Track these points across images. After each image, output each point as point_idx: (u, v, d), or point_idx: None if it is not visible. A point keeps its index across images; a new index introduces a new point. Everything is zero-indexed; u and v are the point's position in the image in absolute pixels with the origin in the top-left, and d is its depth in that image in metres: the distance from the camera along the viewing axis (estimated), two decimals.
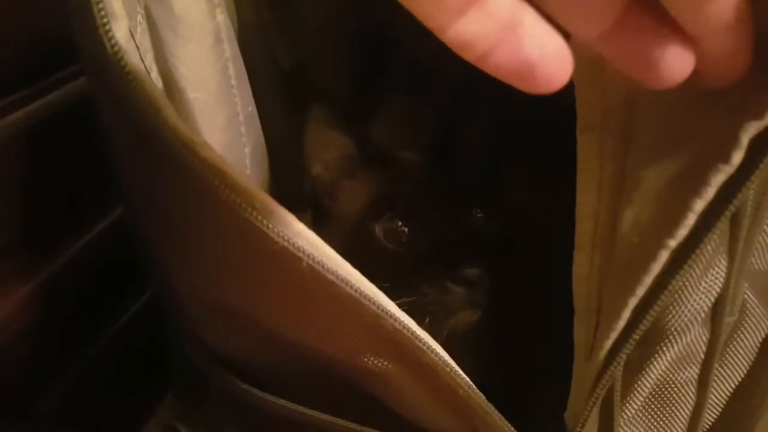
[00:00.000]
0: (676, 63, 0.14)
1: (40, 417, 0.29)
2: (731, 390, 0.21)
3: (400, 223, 0.25)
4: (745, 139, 0.14)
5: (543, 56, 0.13)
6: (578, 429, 0.18)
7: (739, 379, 0.21)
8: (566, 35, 0.13)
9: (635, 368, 0.18)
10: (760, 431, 0.22)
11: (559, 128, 0.19)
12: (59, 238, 0.30)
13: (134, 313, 0.34)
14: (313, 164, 0.26)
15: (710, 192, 0.15)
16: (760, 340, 0.21)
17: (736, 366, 0.21)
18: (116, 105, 0.15)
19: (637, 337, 0.16)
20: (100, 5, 0.14)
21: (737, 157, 0.14)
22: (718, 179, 0.15)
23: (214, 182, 0.14)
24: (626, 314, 0.16)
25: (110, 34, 0.13)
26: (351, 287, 0.15)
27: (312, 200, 0.26)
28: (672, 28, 0.13)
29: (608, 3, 0.13)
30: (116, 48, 0.14)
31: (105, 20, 0.14)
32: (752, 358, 0.21)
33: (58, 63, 0.28)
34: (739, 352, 0.21)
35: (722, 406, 0.22)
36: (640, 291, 0.16)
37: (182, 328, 0.24)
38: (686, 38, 0.14)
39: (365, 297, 0.15)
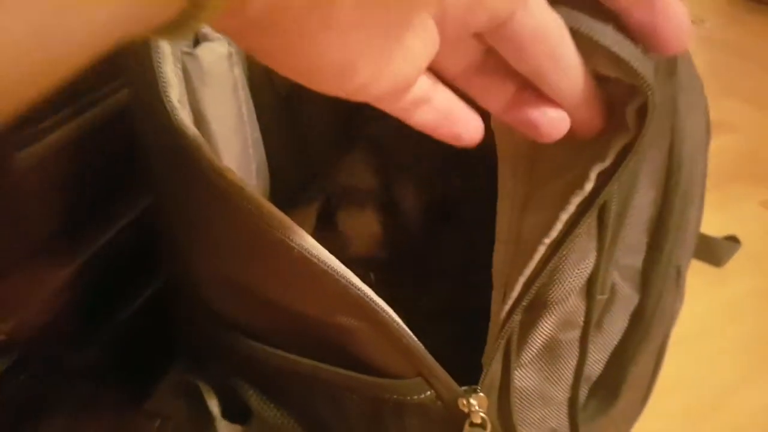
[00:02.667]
0: (555, 126, 0.20)
1: (76, 372, 0.36)
2: (610, 349, 0.29)
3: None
4: (593, 175, 0.21)
5: (466, 127, 0.20)
6: (485, 367, 0.25)
7: (616, 342, 0.29)
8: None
9: (528, 327, 0.25)
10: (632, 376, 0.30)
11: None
12: (92, 231, 0.37)
13: (151, 293, 0.41)
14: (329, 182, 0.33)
15: (571, 208, 0.22)
16: (629, 313, 0.28)
17: (611, 332, 0.28)
18: (164, 141, 0.22)
19: (525, 303, 0.23)
20: (161, 77, 0.20)
21: (588, 186, 0.22)
22: (576, 200, 0.22)
23: (234, 195, 0.21)
24: (518, 288, 0.23)
25: (168, 98, 0.20)
26: (328, 267, 0.22)
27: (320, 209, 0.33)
28: (552, 103, 0.20)
29: (502, 89, 0.20)
30: (171, 107, 0.20)
31: (164, 87, 0.20)
32: (624, 326, 0.29)
33: (98, 83, 0.35)
34: (613, 321, 0.28)
35: (604, 361, 0.29)
36: (527, 272, 0.23)
37: (196, 302, 0.31)
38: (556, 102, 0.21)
39: (338, 273, 0.22)
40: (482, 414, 0.26)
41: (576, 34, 0.18)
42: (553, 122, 0.20)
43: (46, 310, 0.34)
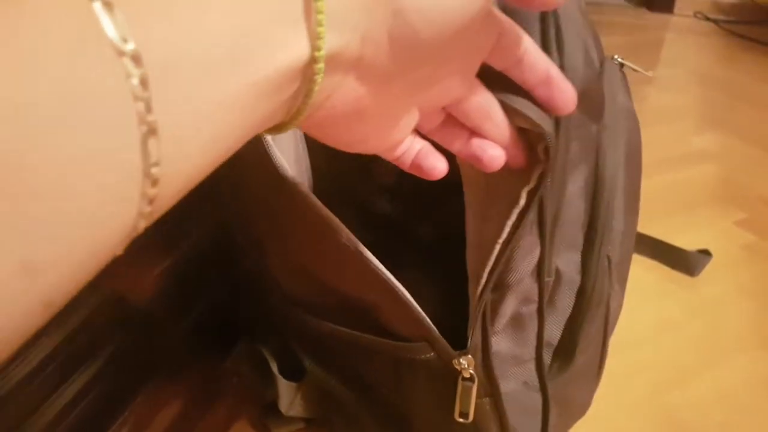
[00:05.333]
0: (494, 160, 0.28)
1: (167, 349, 0.46)
2: (564, 320, 0.40)
3: None
4: (524, 193, 0.33)
5: (432, 165, 0.28)
6: (470, 335, 0.35)
7: (567, 314, 0.40)
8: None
9: (497, 303, 0.35)
10: (582, 341, 0.40)
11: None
12: (180, 236, 0.46)
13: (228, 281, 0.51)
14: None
15: (513, 217, 0.33)
16: (575, 293, 0.39)
17: (562, 306, 0.39)
18: (264, 176, 0.34)
19: (491, 286, 0.34)
20: (268, 143, 0.33)
21: (522, 202, 0.32)
22: (516, 211, 0.33)
23: (303, 202, 0.33)
24: (485, 276, 0.35)
25: (275, 156, 0.32)
26: (363, 254, 0.33)
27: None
28: (492, 145, 0.28)
29: (459, 137, 0.28)
30: (277, 162, 0.32)
31: (270, 149, 0.33)
32: (572, 302, 0.39)
33: None
34: (562, 298, 0.39)
35: (560, 330, 0.40)
36: (489, 264, 0.34)
37: (268, 285, 0.42)
38: (497, 144, 0.28)
39: (369, 261, 0.33)
40: (471, 371, 0.35)
41: (502, 103, 0.27)
42: (492, 158, 0.28)
43: (148, 292, 0.44)
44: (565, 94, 0.27)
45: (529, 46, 0.26)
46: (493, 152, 0.28)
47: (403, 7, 0.20)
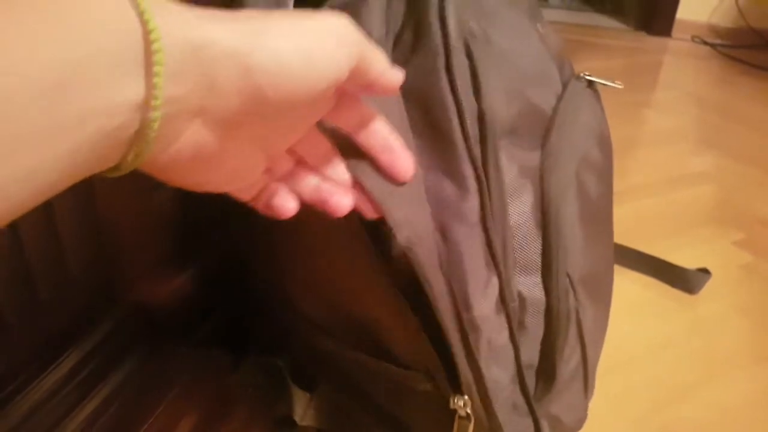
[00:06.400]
0: (341, 204, 0.28)
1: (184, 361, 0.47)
2: (539, 341, 0.40)
3: None
4: None
5: (280, 205, 0.28)
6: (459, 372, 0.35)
7: (540, 335, 0.40)
8: None
9: (476, 340, 0.35)
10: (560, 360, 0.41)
11: None
12: (203, 248, 0.50)
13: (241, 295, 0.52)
14: None
15: None
16: (542, 314, 0.40)
17: (533, 328, 0.39)
18: None
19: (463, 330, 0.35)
20: None
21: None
22: None
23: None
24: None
25: None
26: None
27: None
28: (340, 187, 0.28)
29: (306, 180, 0.28)
30: None
31: None
32: (541, 322, 0.40)
33: None
34: (531, 320, 0.39)
35: (537, 350, 0.40)
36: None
37: (283, 302, 0.44)
38: (346, 191, 0.28)
39: (388, 284, 0.34)
40: (468, 410, 0.36)
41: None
42: (338, 203, 0.28)
43: (168, 302, 0.46)
44: (406, 162, 0.29)
45: (371, 113, 0.28)
46: (339, 199, 0.28)
47: (253, 68, 0.20)
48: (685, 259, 0.78)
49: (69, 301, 0.36)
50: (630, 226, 0.85)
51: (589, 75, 0.47)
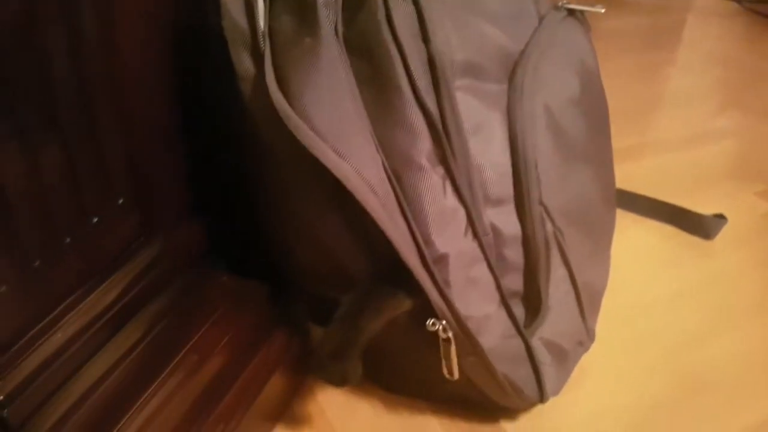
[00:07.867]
0: None
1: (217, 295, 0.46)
2: (522, 269, 0.41)
3: None
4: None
5: None
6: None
7: (521, 263, 0.40)
8: None
9: (443, 273, 0.37)
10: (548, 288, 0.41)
11: None
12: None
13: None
14: None
15: None
16: (521, 244, 0.40)
17: (513, 258, 0.40)
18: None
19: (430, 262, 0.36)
20: None
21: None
22: None
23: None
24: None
25: None
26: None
27: None
28: None
29: None
30: None
31: None
32: (521, 252, 0.41)
33: None
34: (509, 252, 0.40)
35: (521, 276, 0.41)
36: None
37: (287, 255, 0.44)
38: None
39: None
40: (449, 335, 0.37)
41: None
42: None
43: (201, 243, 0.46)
44: None
45: None
46: None
47: None
48: (707, 210, 0.75)
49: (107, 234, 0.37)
50: (653, 179, 0.84)
51: (568, 3, 0.46)
